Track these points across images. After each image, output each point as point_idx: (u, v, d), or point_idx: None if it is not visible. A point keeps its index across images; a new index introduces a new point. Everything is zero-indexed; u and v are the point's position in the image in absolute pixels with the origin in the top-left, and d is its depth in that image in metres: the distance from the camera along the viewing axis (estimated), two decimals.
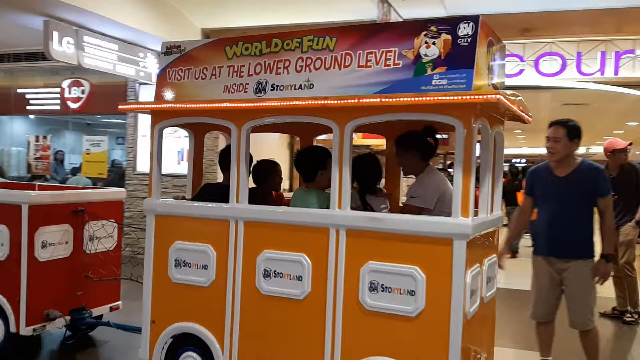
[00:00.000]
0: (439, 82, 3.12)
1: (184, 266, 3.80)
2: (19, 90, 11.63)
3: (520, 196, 9.53)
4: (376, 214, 3.38)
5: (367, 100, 3.21)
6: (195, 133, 4.42)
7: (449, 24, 3.17)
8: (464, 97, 2.97)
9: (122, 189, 5.61)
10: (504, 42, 3.73)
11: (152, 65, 9.08)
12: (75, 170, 11.13)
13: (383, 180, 4.40)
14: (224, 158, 3.89)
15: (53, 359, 4.79)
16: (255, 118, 3.61)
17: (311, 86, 3.43)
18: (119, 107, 4.07)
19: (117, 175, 11.09)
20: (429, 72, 3.16)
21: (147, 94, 9.72)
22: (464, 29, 3.13)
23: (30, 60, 10.85)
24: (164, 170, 4.43)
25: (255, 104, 3.52)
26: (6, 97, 11.79)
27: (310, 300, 3.44)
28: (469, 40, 3.10)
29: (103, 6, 7.35)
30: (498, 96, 2.94)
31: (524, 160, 31.81)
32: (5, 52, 10.94)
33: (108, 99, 10.25)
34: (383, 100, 3.16)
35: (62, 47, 7.46)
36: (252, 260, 3.60)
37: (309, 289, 3.44)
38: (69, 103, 10.94)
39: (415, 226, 3.22)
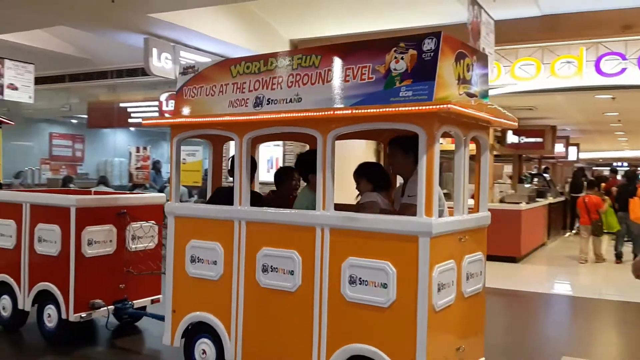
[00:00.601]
0: (406, 93, 3.43)
1: (198, 262, 4.29)
2: (121, 105, 12.40)
3: (635, 203, 9.32)
4: (353, 214, 3.72)
5: (341, 112, 3.57)
6: (213, 143, 4.93)
7: (416, 40, 3.47)
8: (419, 108, 3.28)
9: (162, 194, 6.22)
10: (490, 51, 3.97)
11: None
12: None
13: None
14: (231, 165, 4.35)
15: (97, 343, 5.43)
16: (254, 129, 4.05)
17: (299, 100, 3.83)
18: (142, 122, 4.62)
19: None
20: (397, 84, 3.47)
21: None
22: (428, 44, 3.42)
23: (131, 75, 11.42)
24: None
25: (252, 117, 3.96)
26: (109, 111, 12.62)
27: (300, 292, 3.82)
28: (432, 54, 3.39)
29: (198, 22, 7.69)
30: (449, 106, 3.21)
31: (625, 164, 30.11)
32: (108, 69, 11.56)
33: None
34: (354, 112, 3.51)
35: (160, 63, 7.90)
36: (252, 257, 4.03)
37: (299, 282, 3.83)
38: (167, 115, 11.11)
39: (386, 225, 3.54)
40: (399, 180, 4.48)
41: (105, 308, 5.17)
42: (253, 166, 4.50)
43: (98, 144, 16.26)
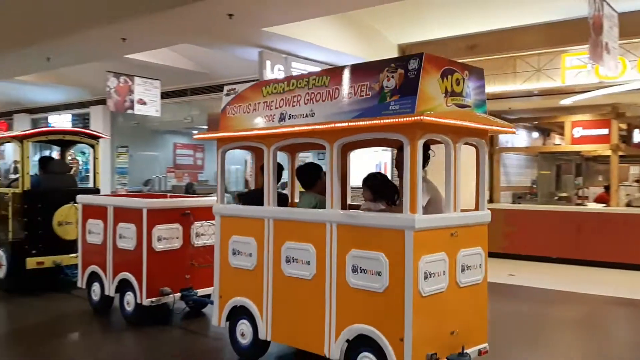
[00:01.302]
0: (394, 107, 3.98)
1: (238, 254, 5.04)
2: None
3: None
4: (354, 211, 4.30)
5: (340, 125, 4.18)
6: (255, 152, 5.67)
7: (403, 60, 4.02)
8: (398, 120, 3.82)
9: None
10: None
11: None
12: (285, 185, 12.65)
13: None
14: (261, 171, 5.06)
15: (169, 324, 6.33)
16: (278, 141, 4.74)
17: (313, 114, 4.48)
18: (194, 137, 5.46)
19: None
20: (388, 99, 4.03)
21: None
22: (412, 64, 3.96)
23: None
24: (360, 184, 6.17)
25: (276, 130, 4.66)
26: None
27: (315, 280, 4.46)
28: (415, 73, 3.92)
29: (309, 34, 7.94)
30: (422, 117, 3.72)
31: None
32: (225, 82, 12.52)
33: None
34: (349, 124, 4.11)
35: (273, 74, 8.14)
36: (279, 249, 4.71)
37: (315, 271, 4.46)
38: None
39: (380, 221, 4.10)
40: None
41: (172, 295, 6.07)
42: (280, 172, 5.17)
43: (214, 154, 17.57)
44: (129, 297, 6.18)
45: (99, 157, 8.56)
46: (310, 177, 5.05)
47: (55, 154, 10.39)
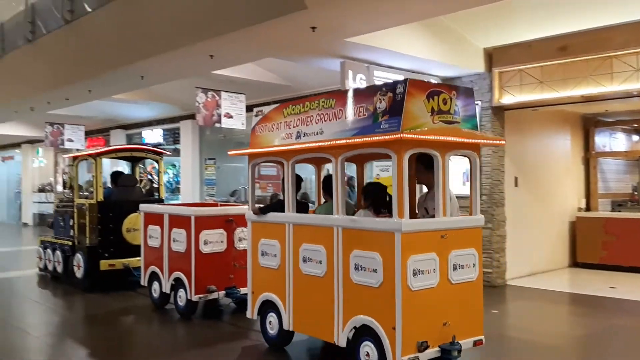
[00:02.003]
0: (384, 126, 4.58)
1: (265, 255, 5.77)
2: None
3: None
4: (354, 217, 4.91)
5: (340, 142, 4.82)
6: (282, 166, 6.38)
7: (393, 85, 4.62)
8: (383, 138, 4.42)
9: None
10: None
11: None
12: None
13: None
14: (282, 183, 5.76)
15: (217, 318, 7.13)
16: (295, 155, 5.44)
17: (322, 132, 5.14)
18: (229, 153, 6.25)
19: None
20: (380, 119, 4.63)
21: None
22: (399, 88, 4.55)
23: None
24: None
25: (292, 147, 5.36)
26: None
27: (326, 277, 5.10)
28: (401, 96, 4.51)
29: (391, 41, 7.83)
30: (402, 135, 4.31)
31: None
32: (308, 93, 11.79)
33: None
34: (347, 142, 4.75)
35: (355, 84, 8.09)
36: (297, 250, 5.39)
37: (326, 269, 5.11)
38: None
39: (375, 225, 4.72)
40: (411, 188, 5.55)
41: (217, 292, 6.88)
42: (299, 182, 5.86)
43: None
44: (181, 293, 7.06)
45: (163, 170, 9.60)
46: (329, 187, 5.66)
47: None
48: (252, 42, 7.60)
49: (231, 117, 11.09)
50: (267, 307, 5.79)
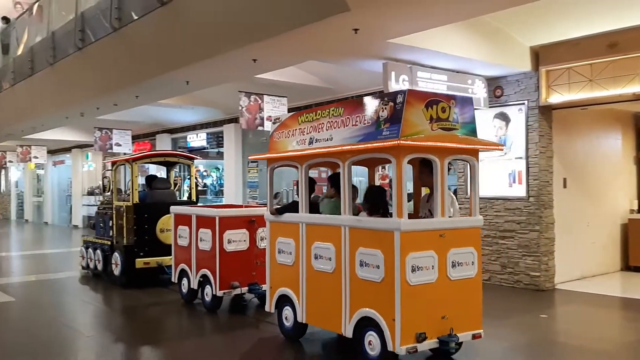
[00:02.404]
0: (386, 133, 4.97)
1: (282, 253, 6.20)
2: None
3: None
4: (360, 217, 5.30)
5: (346, 147, 5.22)
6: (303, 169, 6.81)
7: (394, 95, 5.00)
8: (383, 144, 4.80)
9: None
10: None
11: (480, 91, 9.24)
12: (410, 196, 12.52)
13: None
14: (297, 185, 6.18)
15: (241, 312, 7.59)
16: (307, 160, 5.86)
17: (332, 139, 5.55)
18: (250, 157, 6.70)
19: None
20: (382, 127, 5.02)
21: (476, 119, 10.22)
22: (399, 98, 4.93)
23: None
24: (493, 194, 8.00)
25: (305, 152, 5.78)
26: None
27: (335, 273, 5.50)
28: (400, 105, 4.89)
29: (434, 42, 7.74)
30: (399, 141, 4.68)
31: None
32: (349, 95, 11.91)
33: None
34: (352, 147, 5.15)
35: (398, 85, 8.02)
36: (309, 248, 5.81)
37: (335, 266, 5.51)
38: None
39: (377, 224, 5.09)
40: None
41: (240, 288, 7.35)
42: (312, 185, 6.27)
43: None
44: (207, 289, 7.55)
45: (194, 174, 10.17)
46: (337, 186, 6.04)
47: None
48: (294, 45, 7.61)
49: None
50: (284, 301, 6.21)
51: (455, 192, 10.23)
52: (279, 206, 6.53)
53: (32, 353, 6.15)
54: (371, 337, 5.12)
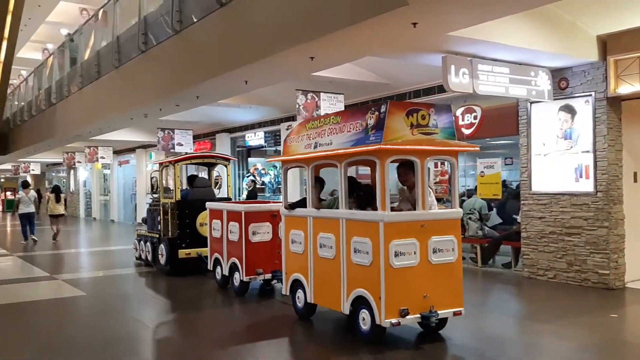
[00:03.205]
0: (372, 138, 5.81)
1: (294, 243, 7.12)
2: None
3: None
4: (353, 211, 6.16)
5: (341, 151, 6.09)
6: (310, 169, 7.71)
7: (379, 106, 5.83)
8: (367, 148, 5.65)
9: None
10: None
11: (544, 83, 9.02)
12: (471, 193, 11.80)
13: None
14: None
15: (260, 294, 8.55)
16: (312, 162, 6.76)
17: (331, 143, 6.42)
18: (266, 160, 7.64)
19: (509, 195, 11.34)
20: (370, 133, 5.86)
21: (539, 112, 9.55)
22: (382, 108, 5.76)
23: (427, 94, 11.56)
24: (559, 189, 8.34)
25: (309, 155, 6.68)
26: None
27: (335, 259, 6.38)
28: (384, 114, 5.72)
29: (496, 33, 7.52)
30: (380, 146, 5.52)
31: None
32: (407, 90, 11.91)
33: (499, 121, 10.60)
34: (344, 151, 6.01)
35: (458, 79, 7.93)
36: (316, 238, 6.70)
37: (335, 253, 6.39)
38: (463, 130, 11.15)
39: (366, 216, 5.95)
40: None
41: (264, 274, 8.33)
42: (322, 183, 7.17)
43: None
44: (236, 275, 8.57)
45: (230, 174, 11.20)
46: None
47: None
48: (352, 41, 7.54)
49: None
50: (297, 285, 7.14)
51: (517, 187, 10.53)
52: (292, 202, 7.44)
53: (101, 343, 6.62)
54: (364, 313, 5.98)
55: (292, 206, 7.19)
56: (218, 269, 9.16)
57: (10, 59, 21.45)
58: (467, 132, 11.19)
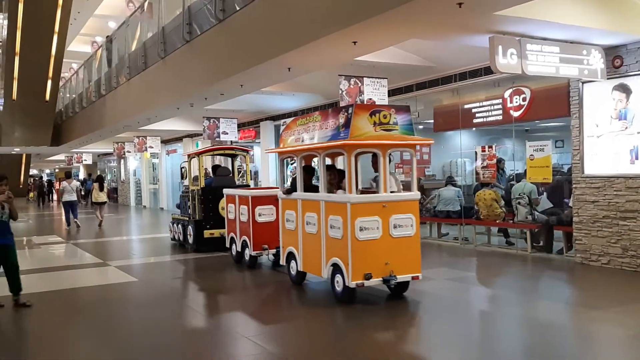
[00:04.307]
0: (342, 135, 7.10)
1: (288, 221, 8.48)
2: (465, 106, 12.10)
3: None
4: (330, 194, 7.48)
5: (317, 144, 7.41)
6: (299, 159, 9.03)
7: (347, 107, 7.12)
8: (335, 143, 6.95)
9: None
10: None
11: (596, 62, 8.73)
12: (519, 177, 11.63)
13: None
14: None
15: (266, 267, 9.89)
16: (301, 153, 8.09)
17: (314, 138, 7.75)
18: (265, 151, 9.03)
19: (560, 178, 11.10)
20: (341, 130, 7.16)
21: (591, 92, 9.24)
22: (350, 110, 7.05)
23: (474, 77, 11.44)
24: (613, 172, 8.40)
25: (297, 148, 8.02)
26: (455, 114, 12.32)
27: (317, 234, 7.71)
28: (350, 116, 7.01)
29: (545, 11, 7.26)
30: (345, 141, 6.81)
31: None
32: (452, 73, 11.87)
33: (549, 102, 10.32)
34: (319, 144, 7.33)
35: (506, 59, 7.71)
36: (303, 217, 8.05)
37: (317, 229, 7.72)
38: (511, 112, 10.99)
39: (339, 199, 7.27)
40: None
41: (268, 250, 9.74)
42: (312, 171, 8.49)
43: (443, 146, 15.80)
44: (246, 251, 10.01)
45: (248, 163, 12.67)
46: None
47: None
48: (395, 24, 7.41)
49: (374, 102, 11.07)
50: (291, 257, 8.52)
51: (569, 170, 10.29)
52: (287, 187, 8.78)
53: (152, 327, 6.86)
54: (338, 278, 7.31)
55: (288, 191, 8.54)
56: (233, 246, 10.63)
57: (62, 53, 22.70)
58: (515, 114, 10.94)
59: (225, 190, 11.08)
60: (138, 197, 32.97)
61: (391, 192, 7.43)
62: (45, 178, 54.89)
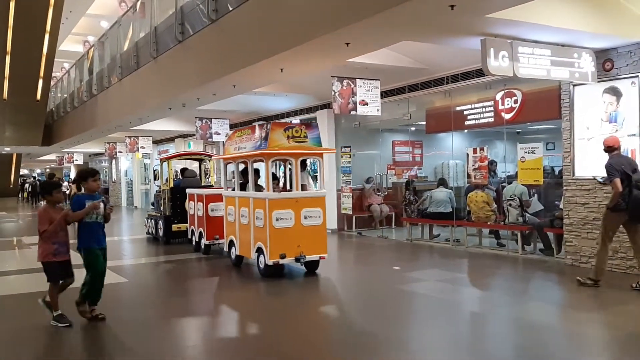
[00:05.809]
0: (263, 146, 9.09)
1: (230, 215, 10.46)
2: (456, 108, 12.18)
3: None
4: (263, 193, 9.48)
5: (244, 153, 9.42)
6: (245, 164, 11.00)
7: (267, 124, 9.12)
8: (255, 152, 8.97)
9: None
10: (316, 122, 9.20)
11: (587, 65, 8.74)
12: (511, 179, 11.55)
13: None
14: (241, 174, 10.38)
15: (216, 253, 11.87)
16: (237, 160, 10.08)
17: (246, 147, 9.74)
18: (213, 157, 11.04)
19: (551, 180, 11.17)
20: (261, 142, 9.15)
21: (582, 95, 9.23)
22: (268, 126, 9.06)
23: (465, 79, 11.54)
24: (604, 174, 7.64)
25: (235, 155, 10.01)
26: (447, 116, 12.40)
27: (248, 224, 9.70)
28: (268, 131, 9.01)
29: (537, 14, 7.25)
30: (263, 151, 8.81)
31: None
32: (444, 75, 11.96)
33: (540, 105, 10.36)
34: (246, 153, 9.34)
35: (497, 62, 7.68)
36: (239, 211, 10.02)
37: (248, 220, 9.72)
38: (503, 114, 11.05)
39: (261, 195, 9.27)
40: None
41: (218, 241, 11.74)
42: (258, 174, 10.47)
43: (434, 148, 16.18)
44: (202, 240, 12.00)
45: (212, 167, 14.68)
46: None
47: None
48: (388, 26, 7.41)
49: (366, 104, 11.13)
50: (231, 244, 10.50)
51: (560, 173, 10.36)
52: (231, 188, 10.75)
53: (142, 326, 6.84)
54: (261, 258, 9.28)
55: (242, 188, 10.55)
56: (193, 238, 12.63)
57: (53, 52, 21.71)
58: (507, 116, 11.05)
59: (188, 190, 13.08)
60: (129, 197, 33.47)
61: (302, 184, 9.41)
62: (37, 178, 54.50)
